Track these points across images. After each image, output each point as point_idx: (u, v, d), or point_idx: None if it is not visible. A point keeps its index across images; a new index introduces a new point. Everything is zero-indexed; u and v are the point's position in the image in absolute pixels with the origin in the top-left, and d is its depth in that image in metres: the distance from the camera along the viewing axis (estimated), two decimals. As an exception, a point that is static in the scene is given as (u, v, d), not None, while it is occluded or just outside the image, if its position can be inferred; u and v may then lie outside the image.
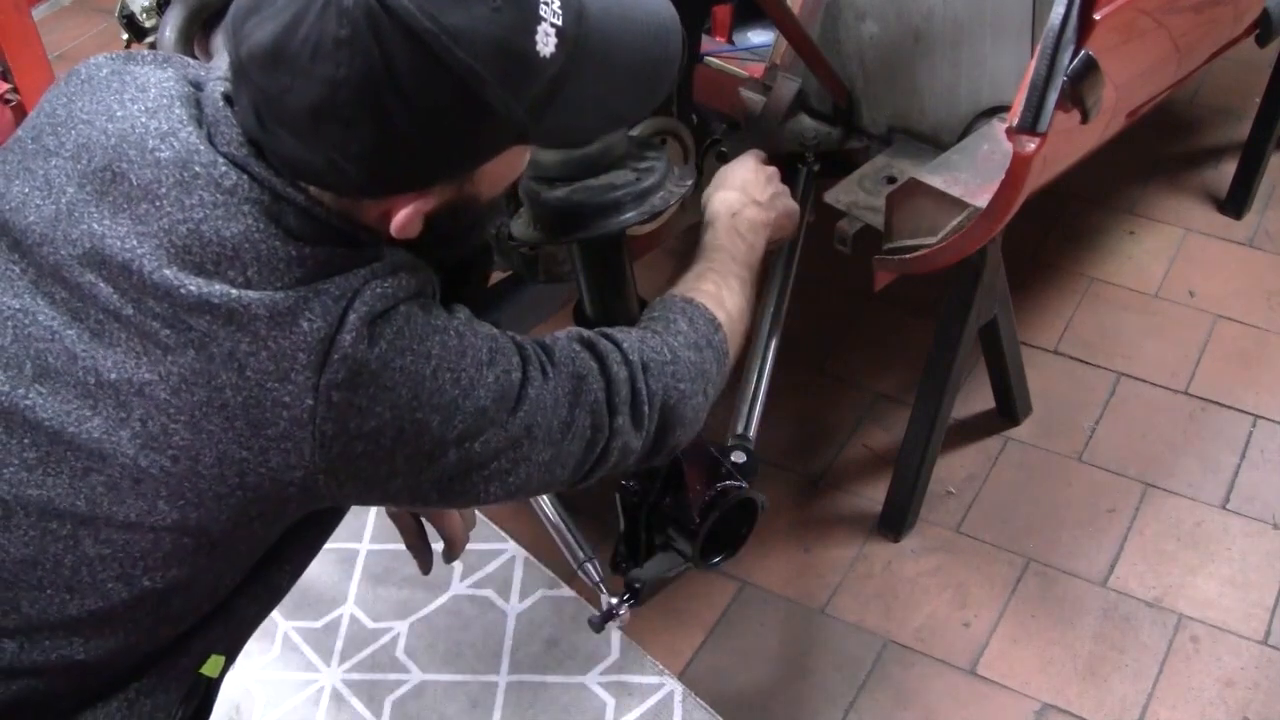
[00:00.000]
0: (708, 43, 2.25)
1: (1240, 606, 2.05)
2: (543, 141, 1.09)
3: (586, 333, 1.25)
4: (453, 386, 1.05)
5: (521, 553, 2.18)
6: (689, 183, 1.44)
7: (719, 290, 1.39)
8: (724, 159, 1.98)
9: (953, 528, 2.20)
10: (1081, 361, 2.49)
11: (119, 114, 1.05)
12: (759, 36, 2.36)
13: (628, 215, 1.36)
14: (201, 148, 1.01)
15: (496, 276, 1.97)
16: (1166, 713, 1.92)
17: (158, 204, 1.00)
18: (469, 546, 2.22)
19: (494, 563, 2.17)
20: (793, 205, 1.58)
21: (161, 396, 0.99)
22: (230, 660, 1.19)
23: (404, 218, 1.03)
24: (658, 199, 1.39)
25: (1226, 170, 2.82)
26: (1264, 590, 2.07)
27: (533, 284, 1.90)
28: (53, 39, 3.31)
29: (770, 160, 1.62)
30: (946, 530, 2.20)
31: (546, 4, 1.00)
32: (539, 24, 0.99)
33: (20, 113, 2.41)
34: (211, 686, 1.20)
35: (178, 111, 1.04)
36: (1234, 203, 2.78)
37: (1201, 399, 2.40)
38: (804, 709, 1.95)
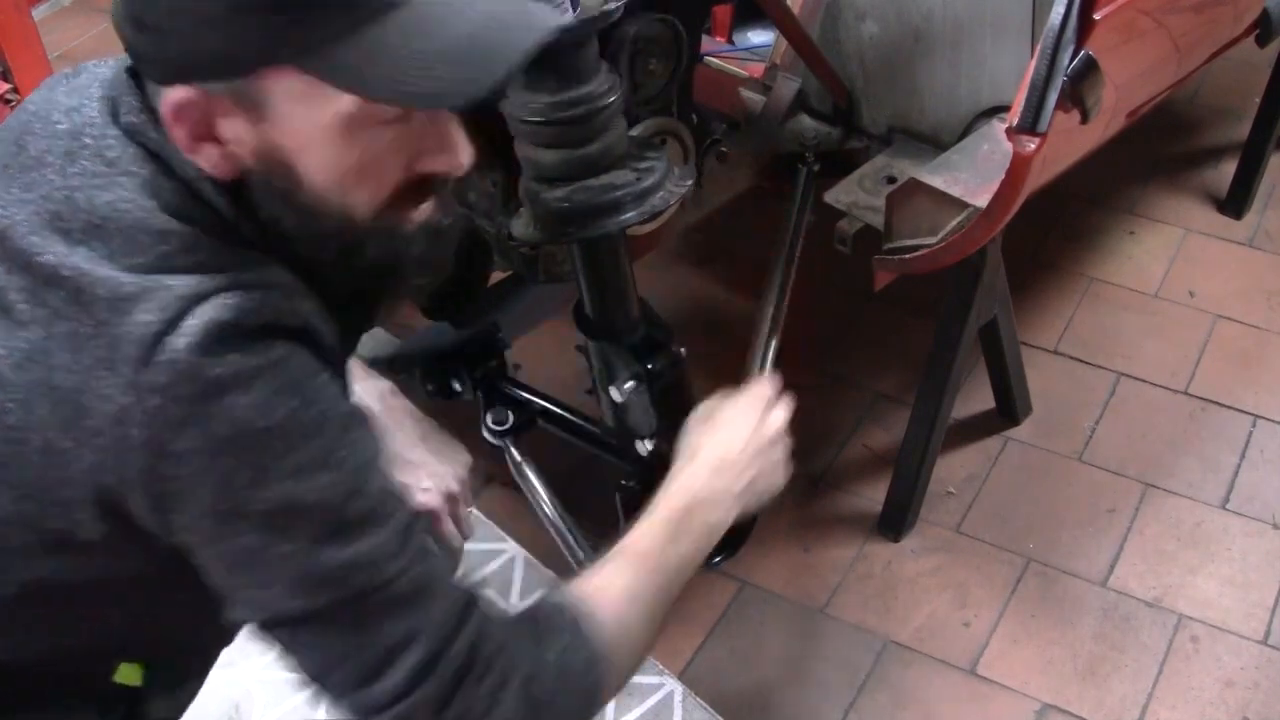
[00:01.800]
0: (708, 43, 2.25)
1: (1240, 606, 2.05)
2: (331, 77, 0.91)
3: (480, 597, 1.06)
4: (277, 459, 0.94)
5: (521, 553, 2.18)
6: (689, 183, 1.44)
7: (626, 607, 1.18)
8: (724, 159, 1.98)
9: (953, 528, 2.20)
10: (1081, 361, 2.49)
11: (47, 96, 1.05)
12: (759, 36, 2.36)
13: (628, 215, 1.36)
14: (98, 120, 0.99)
15: (497, 277, 1.97)
16: (1166, 713, 1.92)
17: (43, 172, 0.99)
18: (469, 546, 2.22)
19: (494, 563, 2.17)
20: (779, 482, 1.32)
21: (4, 372, 0.96)
22: (167, 669, 1.15)
23: (170, 109, 0.94)
24: (658, 199, 1.39)
25: (1226, 170, 2.82)
26: (1264, 590, 2.07)
27: (533, 284, 1.90)
28: (53, 39, 3.31)
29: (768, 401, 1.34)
30: (946, 530, 2.20)
31: None
32: None
33: (20, 113, 2.41)
34: (139, 696, 1.14)
35: (93, 90, 1.02)
36: (1234, 203, 2.78)
37: (1201, 399, 2.40)
38: (804, 709, 1.95)
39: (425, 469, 1.37)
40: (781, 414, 1.33)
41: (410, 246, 1.05)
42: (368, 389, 1.41)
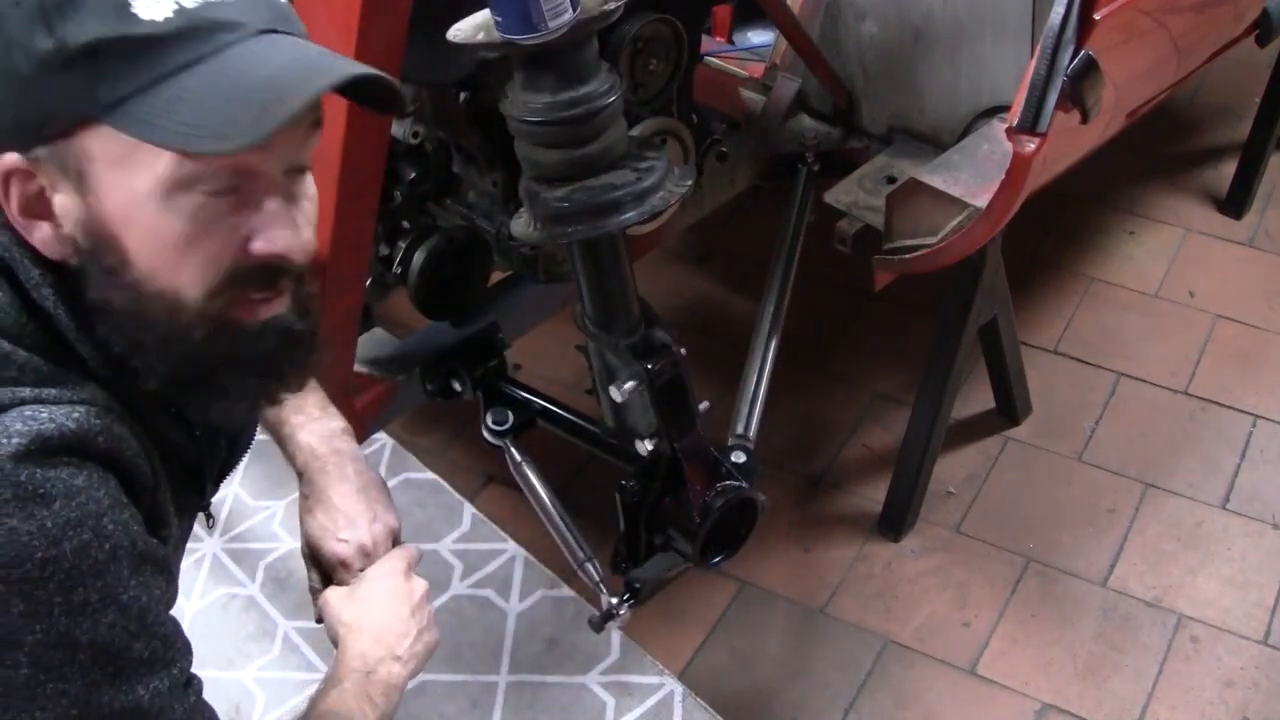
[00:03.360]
0: (708, 43, 2.25)
1: (1240, 606, 2.05)
2: (129, 128, 0.89)
3: None
4: (57, 592, 0.89)
5: (521, 553, 2.18)
6: (689, 183, 1.44)
7: None
8: (724, 159, 1.98)
9: (953, 528, 2.20)
10: (1081, 361, 2.49)
11: None
12: (759, 36, 2.36)
13: (628, 215, 1.36)
14: None
15: (497, 277, 1.97)
16: (1166, 713, 1.92)
17: None
18: (469, 546, 2.24)
19: (494, 563, 2.17)
20: (435, 640, 1.31)
21: None
22: None
23: (2, 171, 0.91)
24: (658, 199, 1.38)
25: (1226, 170, 2.82)
26: (1264, 590, 2.07)
27: (533, 284, 1.90)
28: (53, 39, 3.30)
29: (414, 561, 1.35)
30: (946, 530, 2.20)
31: None
32: None
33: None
34: None
35: None
36: (1234, 203, 2.78)
37: (1201, 399, 2.40)
38: (804, 709, 1.95)
39: (347, 518, 1.34)
40: (422, 581, 1.32)
41: (256, 345, 0.99)
42: (319, 429, 1.37)
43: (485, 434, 1.82)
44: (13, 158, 0.92)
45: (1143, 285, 2.64)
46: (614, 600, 1.63)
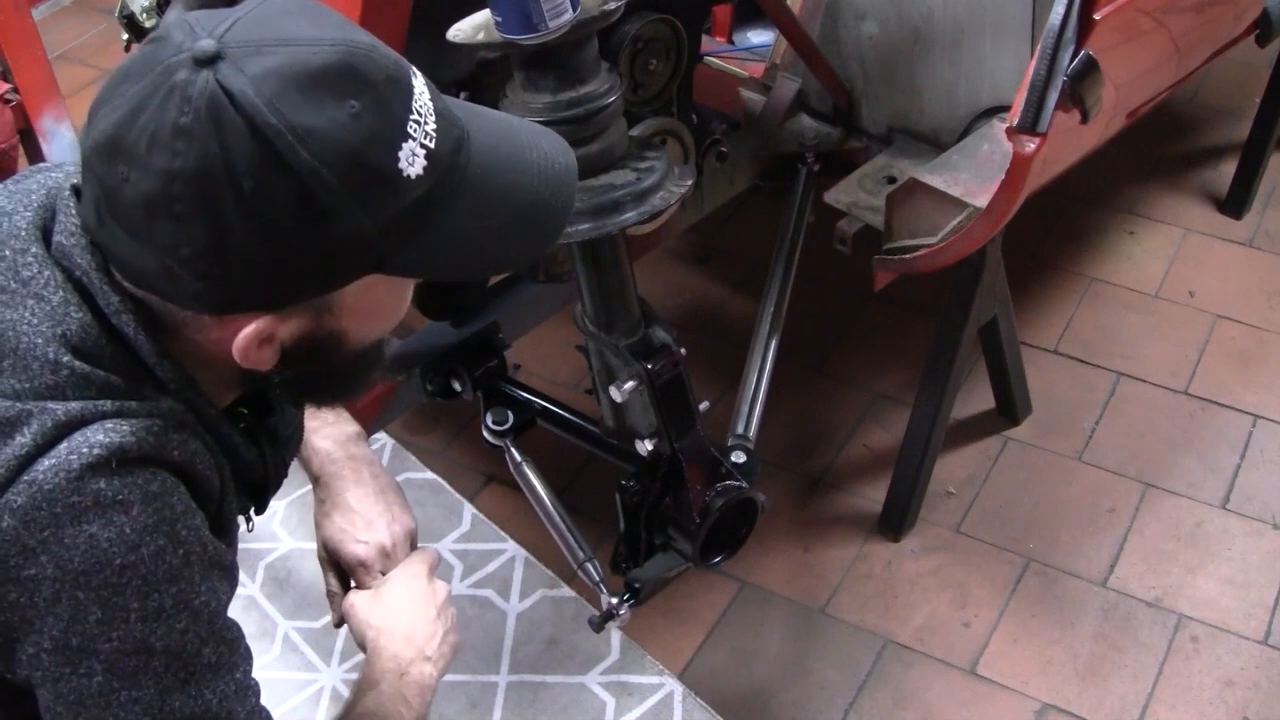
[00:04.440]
0: (708, 43, 2.25)
1: (1240, 606, 2.05)
2: (407, 272, 0.95)
3: None
4: (134, 598, 0.91)
5: (521, 553, 2.18)
6: (689, 183, 1.44)
7: None
8: (724, 159, 1.98)
9: (953, 528, 2.20)
10: (1081, 361, 2.49)
11: None
12: (759, 36, 2.36)
13: (628, 215, 1.36)
14: (24, 233, 0.96)
15: (497, 277, 1.97)
16: (1166, 713, 1.92)
17: None
18: (469, 546, 2.24)
19: (494, 563, 2.17)
20: (458, 641, 1.33)
21: None
22: None
23: (245, 340, 0.93)
24: (658, 199, 1.38)
25: (1226, 170, 2.82)
26: (1264, 590, 2.07)
27: (533, 284, 1.90)
28: (53, 39, 3.31)
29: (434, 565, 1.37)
30: (946, 530, 2.20)
31: (418, 123, 0.91)
32: (405, 140, 0.90)
33: (20, 113, 2.41)
34: None
35: (33, 198, 0.99)
36: (1234, 203, 2.78)
37: (1201, 399, 2.40)
38: (804, 709, 1.95)
39: (366, 521, 1.35)
40: (444, 584, 1.34)
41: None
42: (334, 434, 1.39)
43: (485, 434, 1.83)
44: (269, 324, 0.93)
45: (1143, 285, 2.64)
46: (614, 600, 1.63)
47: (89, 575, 0.89)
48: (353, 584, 1.34)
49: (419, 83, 0.94)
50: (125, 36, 1.93)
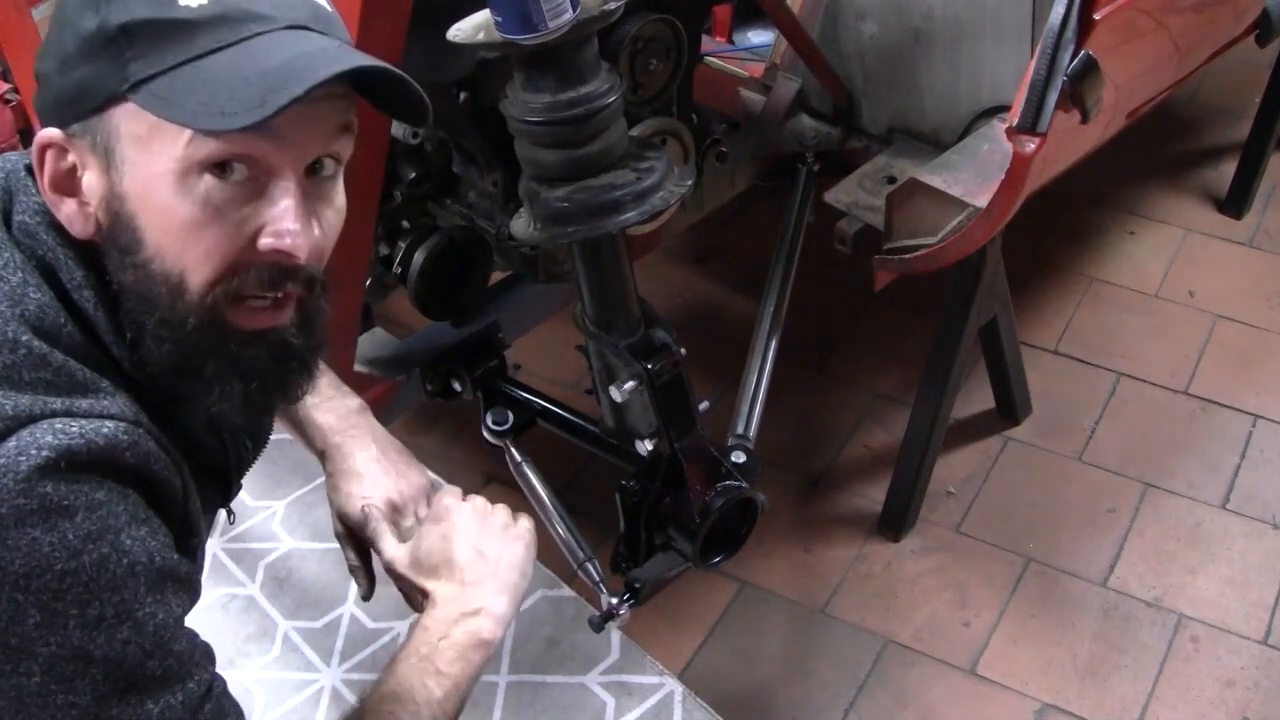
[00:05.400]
0: (708, 43, 2.25)
1: (1240, 606, 2.05)
2: (152, 104, 0.92)
3: None
4: (73, 605, 0.90)
5: (521, 553, 2.18)
6: (689, 183, 1.44)
7: None
8: (724, 159, 1.98)
9: (953, 528, 2.20)
10: (1081, 361, 2.49)
11: None
12: (759, 36, 2.36)
13: (628, 215, 1.36)
14: None
15: (497, 277, 1.97)
16: (1166, 713, 1.92)
17: None
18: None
19: (494, 563, 2.16)
20: (526, 556, 1.33)
21: None
22: None
23: (40, 143, 0.96)
24: (658, 199, 1.38)
25: (1226, 170, 2.82)
26: (1264, 590, 2.07)
27: (533, 284, 1.90)
28: (53, 39, 3.31)
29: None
30: (946, 530, 2.20)
31: None
32: None
33: (20, 112, 2.41)
34: None
35: None
36: (1234, 203, 2.78)
37: (1201, 399, 2.40)
38: (804, 709, 1.95)
39: (371, 479, 1.35)
40: (485, 502, 1.34)
41: (244, 351, 0.99)
42: (335, 407, 1.39)
43: (485, 434, 1.82)
44: (51, 132, 0.96)
45: (1143, 285, 2.64)
46: (614, 600, 1.63)
47: (28, 579, 0.88)
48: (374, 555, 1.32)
49: None
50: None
